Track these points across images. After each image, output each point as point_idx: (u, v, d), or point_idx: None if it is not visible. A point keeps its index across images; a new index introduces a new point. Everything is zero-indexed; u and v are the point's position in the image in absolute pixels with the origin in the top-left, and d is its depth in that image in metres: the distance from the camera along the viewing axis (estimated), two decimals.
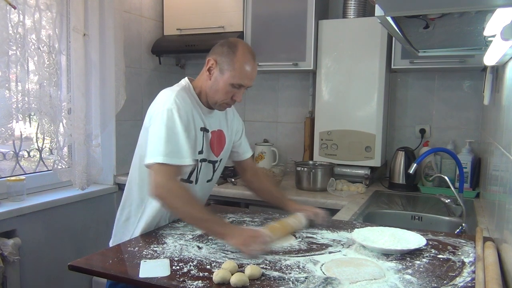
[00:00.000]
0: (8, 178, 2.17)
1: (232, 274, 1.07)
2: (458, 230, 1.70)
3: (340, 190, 2.39)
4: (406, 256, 1.27)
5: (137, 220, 1.53)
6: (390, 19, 1.06)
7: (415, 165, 1.78)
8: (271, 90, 3.06)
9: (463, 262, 1.22)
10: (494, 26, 1.06)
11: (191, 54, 3.02)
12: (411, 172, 1.78)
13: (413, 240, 1.34)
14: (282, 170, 2.81)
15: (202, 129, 1.53)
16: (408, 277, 1.12)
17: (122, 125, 2.69)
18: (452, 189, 1.77)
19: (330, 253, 1.29)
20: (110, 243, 1.58)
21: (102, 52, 2.43)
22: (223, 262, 1.16)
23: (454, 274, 1.14)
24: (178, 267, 1.17)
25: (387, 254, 1.27)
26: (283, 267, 1.17)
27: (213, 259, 1.22)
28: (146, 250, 1.30)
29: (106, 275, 1.18)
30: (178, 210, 1.39)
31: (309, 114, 2.91)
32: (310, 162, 2.65)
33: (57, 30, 2.21)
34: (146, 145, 1.43)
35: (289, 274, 1.12)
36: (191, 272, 1.14)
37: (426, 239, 1.35)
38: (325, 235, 1.46)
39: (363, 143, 2.52)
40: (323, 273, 1.13)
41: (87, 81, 2.38)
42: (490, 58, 1.42)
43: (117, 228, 1.59)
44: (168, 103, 1.43)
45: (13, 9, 1.95)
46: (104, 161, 2.55)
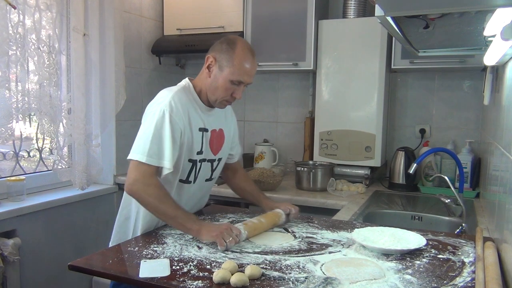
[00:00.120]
0: (8, 178, 2.17)
1: (232, 274, 1.08)
2: (458, 230, 1.70)
3: (340, 190, 2.39)
4: (406, 256, 1.27)
5: (137, 219, 1.53)
6: (390, 19, 1.06)
7: (415, 165, 1.77)
8: (271, 90, 3.06)
9: (463, 262, 1.22)
10: (494, 26, 1.06)
11: (191, 54, 3.02)
12: (411, 172, 1.78)
13: (413, 240, 1.34)
14: (282, 170, 2.81)
15: (201, 129, 1.53)
16: (408, 277, 1.12)
17: (122, 125, 2.69)
18: (452, 189, 1.76)
19: (330, 253, 1.29)
20: (110, 243, 1.58)
21: (102, 52, 2.43)
22: (223, 262, 1.16)
23: (454, 274, 1.14)
24: (178, 267, 1.17)
25: (387, 254, 1.27)
26: (283, 267, 1.17)
27: (213, 259, 1.22)
28: (146, 250, 1.30)
29: (106, 275, 1.18)
30: (151, 207, 1.40)
31: (309, 114, 2.91)
32: (310, 162, 2.65)
33: (57, 30, 2.21)
34: None
35: (289, 274, 1.12)
36: (191, 272, 1.14)
37: (426, 239, 1.35)
38: (325, 235, 1.46)
39: (363, 143, 2.52)
40: (323, 273, 1.13)
41: (87, 81, 2.38)
42: (490, 58, 1.42)
43: (117, 228, 1.59)
44: (163, 104, 1.43)
45: (13, 9, 1.95)
46: (104, 161, 2.55)
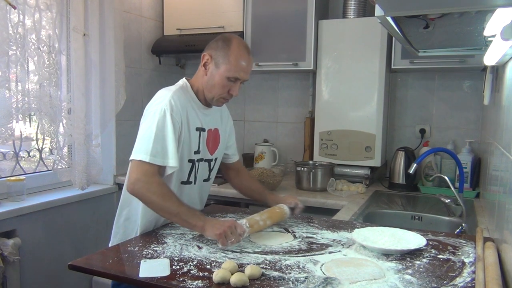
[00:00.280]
0: (8, 178, 2.17)
1: (232, 274, 1.08)
2: (458, 230, 1.70)
3: (340, 190, 2.39)
4: (406, 256, 1.27)
5: (136, 219, 1.53)
6: (390, 19, 1.06)
7: (415, 165, 1.77)
8: (271, 90, 3.06)
9: (463, 262, 1.22)
10: (494, 26, 1.06)
11: (191, 54, 3.01)
12: (411, 172, 1.78)
13: (413, 240, 1.34)
14: (282, 170, 2.81)
15: (198, 128, 1.53)
16: (408, 277, 1.12)
17: (122, 125, 2.69)
18: (452, 189, 1.76)
19: (330, 253, 1.29)
20: (110, 243, 1.58)
21: (102, 52, 2.43)
22: (223, 262, 1.16)
23: (454, 274, 1.14)
24: (178, 267, 1.17)
25: (387, 254, 1.27)
26: (283, 267, 1.17)
27: (213, 259, 1.22)
28: (146, 250, 1.30)
29: (106, 275, 1.18)
30: (154, 205, 1.39)
31: (309, 114, 2.91)
32: (310, 162, 2.65)
33: (57, 30, 2.21)
34: None
35: (289, 274, 1.12)
36: (191, 272, 1.14)
37: (426, 239, 1.35)
38: (325, 235, 1.46)
39: (363, 143, 2.52)
40: (323, 273, 1.13)
41: (87, 81, 2.38)
42: (490, 58, 1.42)
43: (116, 227, 1.59)
44: (162, 103, 1.43)
45: (13, 9, 1.95)
46: (104, 161, 2.55)
